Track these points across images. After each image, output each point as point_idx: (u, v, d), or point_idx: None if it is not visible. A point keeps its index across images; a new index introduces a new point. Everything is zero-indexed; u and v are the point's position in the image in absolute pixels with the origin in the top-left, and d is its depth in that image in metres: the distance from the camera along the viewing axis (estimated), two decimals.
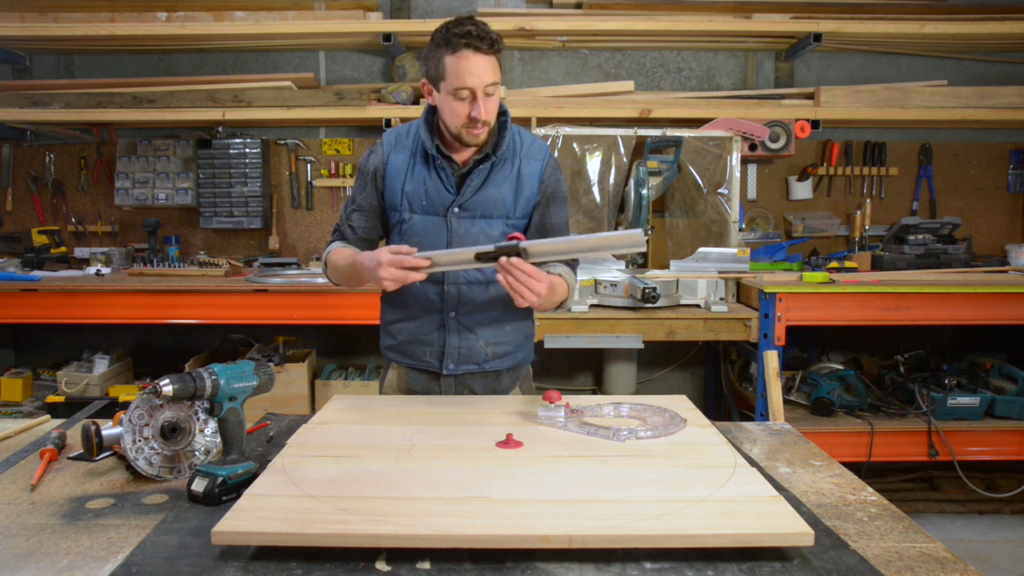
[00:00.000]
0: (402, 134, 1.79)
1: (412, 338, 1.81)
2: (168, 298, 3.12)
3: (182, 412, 1.36)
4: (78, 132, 3.87)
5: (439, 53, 1.60)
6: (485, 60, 1.58)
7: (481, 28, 1.58)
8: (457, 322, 1.77)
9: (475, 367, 1.81)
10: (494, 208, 1.75)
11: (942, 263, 3.39)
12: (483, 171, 1.72)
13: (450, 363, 1.79)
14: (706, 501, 1.11)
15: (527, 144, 1.79)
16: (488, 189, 1.73)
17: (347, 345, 3.97)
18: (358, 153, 3.93)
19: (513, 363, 1.86)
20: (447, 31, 1.59)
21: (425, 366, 1.81)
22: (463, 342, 1.78)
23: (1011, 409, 3.11)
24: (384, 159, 1.77)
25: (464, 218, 1.73)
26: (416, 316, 1.80)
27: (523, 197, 1.77)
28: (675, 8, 3.69)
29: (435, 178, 1.73)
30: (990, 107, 3.58)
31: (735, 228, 3.36)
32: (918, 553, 1.08)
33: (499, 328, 1.81)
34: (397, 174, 1.75)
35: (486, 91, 1.60)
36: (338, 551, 1.01)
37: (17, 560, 1.04)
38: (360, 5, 3.66)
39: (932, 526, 3.22)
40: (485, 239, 1.71)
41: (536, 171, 1.77)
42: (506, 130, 1.73)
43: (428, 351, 1.80)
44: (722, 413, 3.76)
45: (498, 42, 1.60)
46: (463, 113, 1.62)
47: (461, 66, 1.57)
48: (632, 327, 2.94)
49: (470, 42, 1.55)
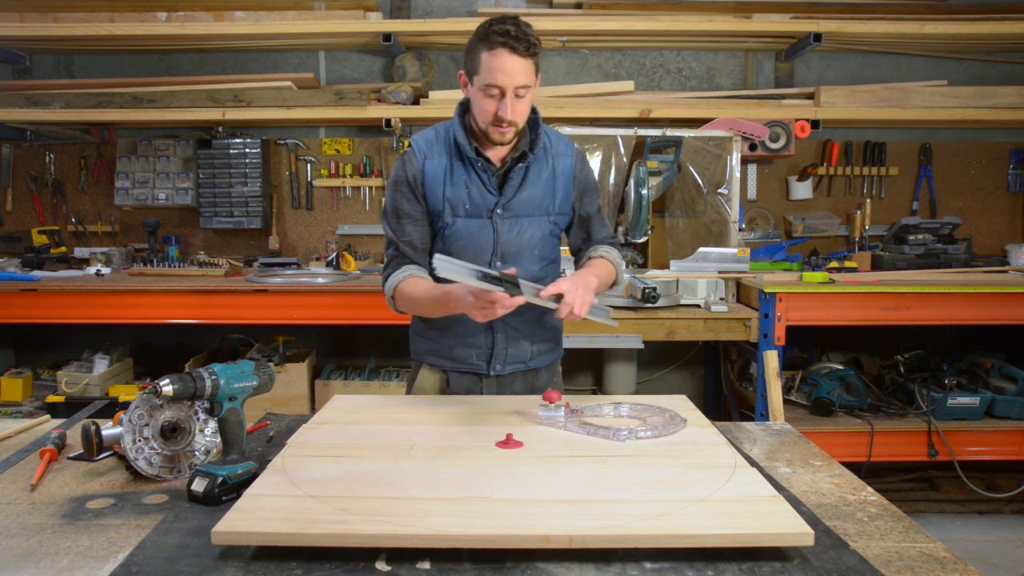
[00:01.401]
0: (431, 139, 1.76)
1: (459, 341, 1.80)
2: (168, 298, 3.12)
3: (182, 412, 1.36)
4: (78, 132, 3.87)
5: (478, 47, 1.61)
6: (519, 62, 1.58)
7: (521, 29, 1.58)
8: (503, 323, 1.77)
9: (521, 366, 1.82)
10: (535, 206, 1.76)
11: (942, 263, 3.39)
12: (521, 170, 1.73)
13: (497, 364, 1.80)
14: (706, 501, 1.11)
15: (555, 141, 1.80)
16: (527, 188, 1.74)
17: (347, 345, 3.97)
18: (358, 153, 3.93)
19: (552, 359, 1.89)
20: (488, 26, 1.59)
21: (471, 368, 1.81)
22: (511, 343, 1.80)
23: (1011, 409, 3.11)
24: (420, 167, 1.73)
25: (508, 218, 1.73)
26: (461, 319, 1.76)
27: (560, 193, 1.78)
28: (675, 8, 3.69)
29: (476, 180, 1.72)
30: (990, 107, 3.58)
31: (735, 228, 3.36)
32: (918, 553, 1.08)
33: (541, 325, 1.83)
34: (436, 180, 1.73)
35: (516, 92, 1.60)
36: (338, 551, 1.01)
37: (17, 560, 1.04)
38: (360, 5, 3.66)
39: (932, 526, 3.22)
40: (529, 238, 1.75)
41: (568, 167, 1.79)
42: (539, 128, 1.75)
43: (475, 353, 1.80)
44: (722, 413, 3.75)
45: (535, 45, 1.60)
46: (491, 110, 1.62)
47: (494, 64, 1.58)
48: (632, 327, 2.94)
49: (507, 41, 1.56)
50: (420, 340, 1.87)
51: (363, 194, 3.94)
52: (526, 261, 1.77)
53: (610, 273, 1.80)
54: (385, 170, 3.91)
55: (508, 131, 1.65)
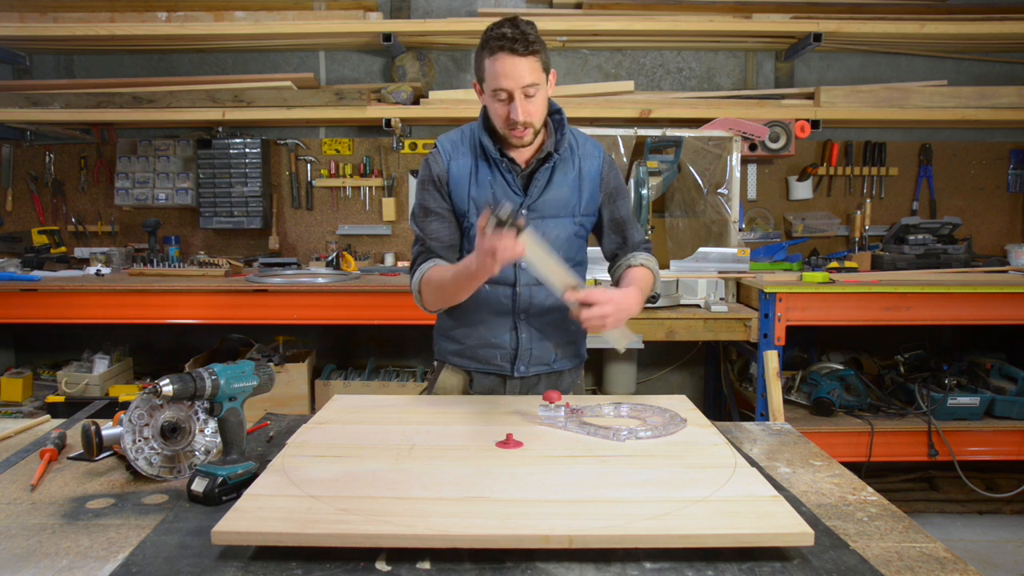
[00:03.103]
0: (456, 140, 1.77)
1: (482, 342, 1.79)
2: (168, 298, 3.12)
3: (182, 412, 1.36)
4: (78, 132, 3.87)
5: (481, 55, 1.61)
6: (521, 61, 1.57)
7: (518, 29, 1.57)
8: (528, 324, 1.77)
9: (545, 368, 1.81)
10: (561, 207, 1.74)
11: (942, 263, 3.39)
12: (547, 170, 1.72)
13: (521, 365, 1.79)
14: (706, 501, 1.11)
15: (581, 142, 1.79)
16: (553, 189, 1.73)
17: (347, 345, 3.97)
18: (358, 153, 3.93)
19: (576, 362, 1.88)
20: (487, 33, 1.59)
21: (495, 369, 1.80)
22: (535, 344, 1.79)
23: (1011, 409, 3.11)
24: (445, 167, 1.73)
25: (533, 219, 1.72)
26: (486, 320, 1.78)
27: (586, 195, 1.77)
28: (675, 8, 3.69)
29: (501, 181, 1.71)
30: (990, 107, 3.58)
31: (735, 228, 3.36)
32: (918, 553, 1.08)
33: (566, 328, 1.81)
34: (461, 180, 1.73)
35: (525, 92, 1.59)
36: (338, 551, 1.01)
37: (17, 560, 1.04)
38: (360, 5, 3.67)
39: (932, 526, 3.22)
40: (555, 239, 1.73)
41: (595, 169, 1.78)
42: (564, 128, 1.74)
43: (499, 354, 1.79)
44: (722, 413, 3.75)
45: (535, 43, 1.58)
46: (503, 114, 1.62)
47: (497, 68, 1.57)
48: (632, 327, 2.94)
49: (504, 44, 1.55)
50: (444, 340, 1.86)
51: (363, 194, 3.94)
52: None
53: (651, 285, 1.80)
54: (385, 170, 3.91)
55: (525, 133, 1.65)
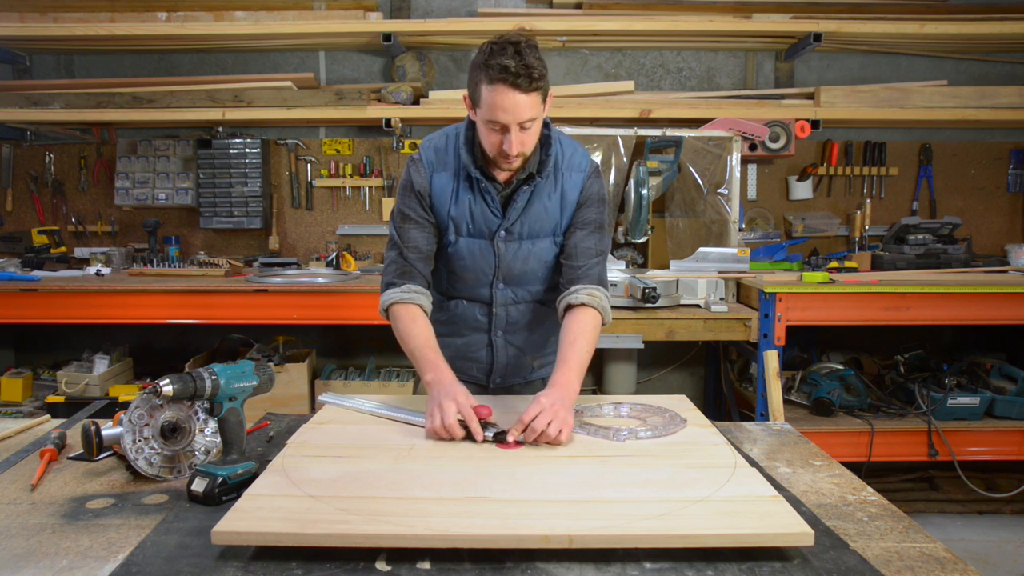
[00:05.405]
0: (440, 148, 1.68)
1: (459, 354, 1.78)
2: (168, 298, 3.12)
3: (182, 412, 1.36)
4: (78, 132, 3.86)
5: (479, 77, 1.48)
6: (522, 98, 1.45)
7: (523, 60, 1.43)
8: (505, 341, 1.77)
9: (521, 380, 1.82)
10: (540, 228, 1.68)
11: (942, 263, 3.39)
12: (526, 193, 1.64)
13: (497, 378, 1.80)
14: (706, 501, 1.11)
15: (568, 155, 1.69)
16: (533, 209, 1.66)
17: (347, 345, 3.97)
18: (358, 153, 3.93)
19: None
20: (488, 55, 1.46)
21: (472, 379, 1.81)
22: (510, 359, 1.79)
23: (1011, 409, 3.11)
24: (427, 181, 1.66)
25: (511, 241, 1.68)
26: (463, 334, 1.77)
27: (567, 212, 1.69)
28: (675, 8, 3.69)
29: (480, 202, 1.65)
30: (990, 107, 3.58)
31: (735, 228, 3.36)
32: (918, 553, 1.08)
33: (545, 343, 1.82)
34: (442, 196, 1.66)
35: (522, 126, 1.50)
36: (338, 551, 1.01)
37: (17, 560, 1.04)
38: (360, 5, 3.66)
39: (932, 526, 3.22)
40: (533, 259, 1.69)
41: (578, 183, 1.68)
42: (550, 147, 1.64)
43: (475, 367, 1.80)
44: (722, 413, 3.75)
45: (539, 79, 1.46)
46: (495, 143, 1.53)
47: (495, 100, 1.46)
48: (632, 327, 2.94)
49: (507, 78, 1.43)
50: None
51: (363, 194, 3.93)
52: (530, 284, 1.74)
53: (591, 341, 1.60)
54: (385, 170, 3.91)
55: (516, 161, 1.57)
